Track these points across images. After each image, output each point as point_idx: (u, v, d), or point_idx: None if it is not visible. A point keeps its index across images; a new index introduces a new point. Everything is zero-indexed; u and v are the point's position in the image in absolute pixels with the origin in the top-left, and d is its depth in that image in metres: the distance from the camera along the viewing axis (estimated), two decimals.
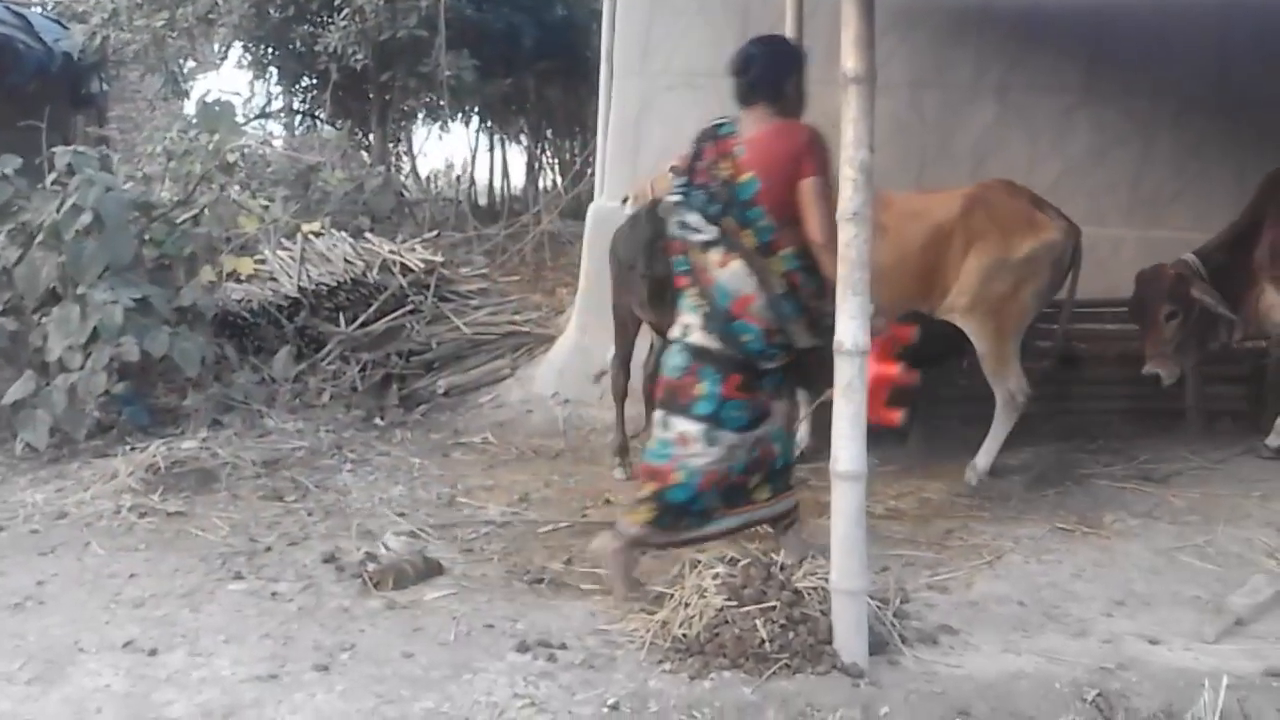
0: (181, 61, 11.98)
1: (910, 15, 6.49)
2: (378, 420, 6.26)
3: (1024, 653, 3.47)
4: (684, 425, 3.81)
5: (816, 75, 3.94)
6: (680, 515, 3.85)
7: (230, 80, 26.05)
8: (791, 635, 3.34)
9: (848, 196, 3.30)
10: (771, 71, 3.86)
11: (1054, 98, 6.66)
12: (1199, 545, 4.44)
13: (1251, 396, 6.19)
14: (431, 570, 4.02)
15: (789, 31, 6.12)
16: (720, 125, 3.89)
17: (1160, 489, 5.19)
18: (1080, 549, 4.37)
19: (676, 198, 3.86)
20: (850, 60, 3.26)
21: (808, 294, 3.78)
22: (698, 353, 3.82)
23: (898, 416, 3.70)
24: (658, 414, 3.93)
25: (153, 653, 3.37)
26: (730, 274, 3.75)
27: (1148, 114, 6.63)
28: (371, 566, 3.97)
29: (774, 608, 3.41)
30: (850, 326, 3.31)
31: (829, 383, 3.37)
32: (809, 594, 3.49)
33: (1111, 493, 5.09)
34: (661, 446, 3.85)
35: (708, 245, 3.78)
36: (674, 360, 3.89)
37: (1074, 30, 6.57)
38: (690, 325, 3.86)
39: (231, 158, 6.46)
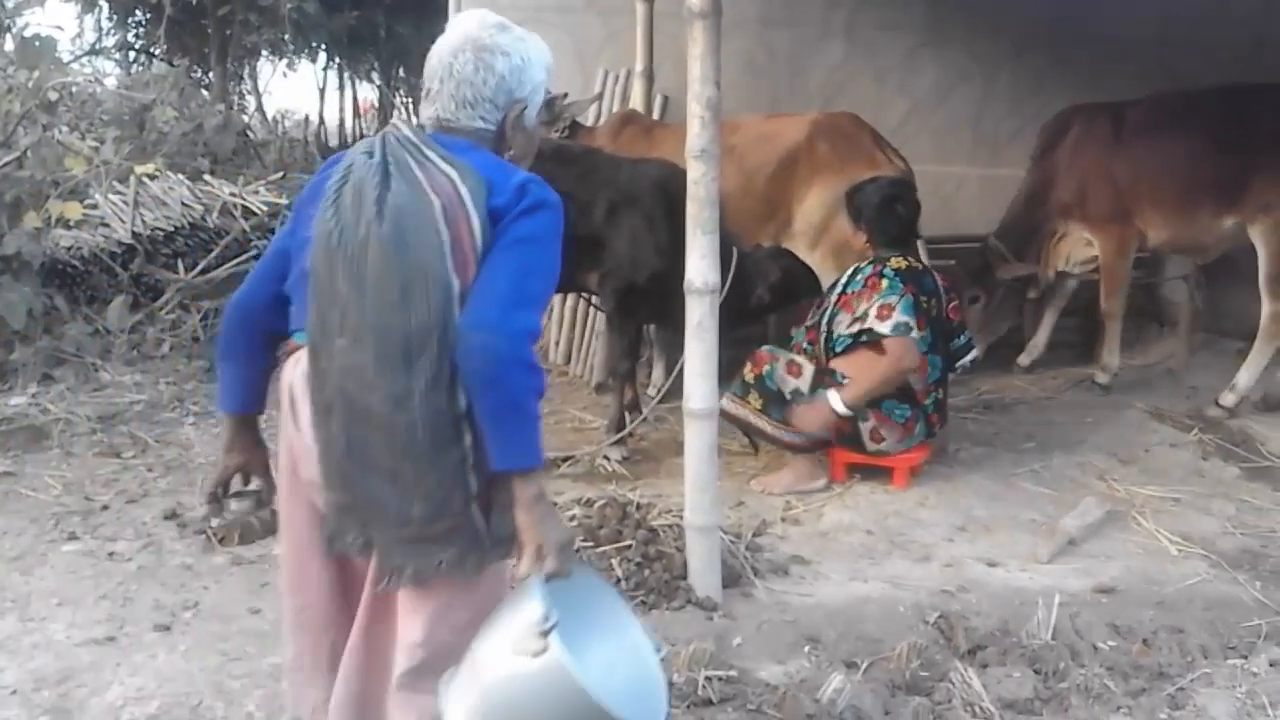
0: None
1: None
2: None
3: (871, 579, 3.59)
4: None
5: (666, 9, 3.89)
6: None
7: (57, 16, 24.55)
8: (647, 573, 3.38)
9: (695, 134, 3.27)
10: None
11: (900, 36, 6.77)
12: (1036, 470, 4.64)
13: (1085, 328, 6.47)
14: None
15: None
16: None
17: (1001, 418, 5.40)
18: (926, 478, 4.52)
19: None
20: None
21: None
22: None
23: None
24: None
25: None
26: None
27: (989, 52, 6.81)
28: (215, 522, 3.80)
29: (629, 546, 3.45)
30: (700, 266, 3.31)
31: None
32: (664, 531, 3.54)
33: (955, 423, 5.25)
34: None
35: None
36: None
37: None
38: None
39: (54, 95, 6.06)
